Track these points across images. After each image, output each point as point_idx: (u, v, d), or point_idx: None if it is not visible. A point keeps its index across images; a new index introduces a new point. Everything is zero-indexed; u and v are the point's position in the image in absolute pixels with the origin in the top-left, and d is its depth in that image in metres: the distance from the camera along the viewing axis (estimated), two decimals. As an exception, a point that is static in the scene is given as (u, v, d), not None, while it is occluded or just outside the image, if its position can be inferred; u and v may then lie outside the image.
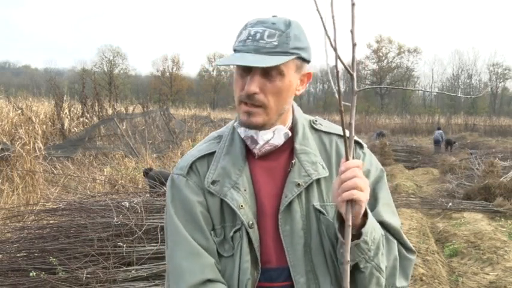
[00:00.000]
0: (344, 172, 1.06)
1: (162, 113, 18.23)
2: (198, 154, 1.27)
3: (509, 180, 9.08)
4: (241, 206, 1.18)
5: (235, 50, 1.17)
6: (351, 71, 0.99)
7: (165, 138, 16.07)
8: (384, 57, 65.49)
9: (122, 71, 60.26)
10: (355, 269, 1.14)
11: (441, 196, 9.79)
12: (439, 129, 22.61)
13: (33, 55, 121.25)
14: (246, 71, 1.16)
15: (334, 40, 0.95)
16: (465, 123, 40.45)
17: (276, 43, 1.13)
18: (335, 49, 0.95)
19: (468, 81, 66.89)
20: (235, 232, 1.19)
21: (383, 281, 1.17)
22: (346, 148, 1.05)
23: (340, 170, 1.07)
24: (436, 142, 20.97)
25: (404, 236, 1.29)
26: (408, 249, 1.28)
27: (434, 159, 16.94)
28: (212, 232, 1.21)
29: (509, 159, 11.88)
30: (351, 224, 1.04)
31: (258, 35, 1.13)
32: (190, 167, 1.25)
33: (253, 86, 1.14)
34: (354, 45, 0.98)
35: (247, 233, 1.18)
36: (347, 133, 1.03)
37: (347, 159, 1.06)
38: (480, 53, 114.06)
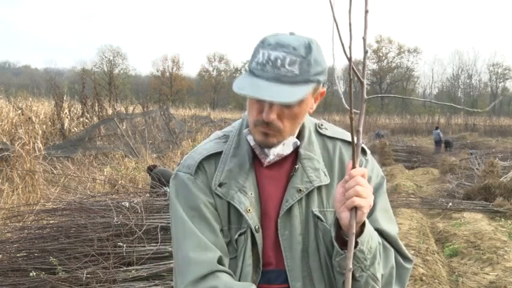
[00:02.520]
0: (348, 181, 1.07)
1: (162, 113, 18.23)
2: (206, 153, 1.25)
3: (509, 180, 9.08)
4: (249, 210, 1.18)
5: (251, 72, 1.12)
6: (361, 79, 0.98)
7: (165, 138, 16.08)
8: (384, 57, 65.49)
9: (122, 71, 60.16)
10: (351, 278, 1.14)
11: (441, 196, 9.78)
12: (436, 128, 22.62)
13: (33, 55, 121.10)
14: None
15: (350, 48, 0.93)
16: (465, 123, 40.47)
17: (297, 72, 1.09)
18: (349, 59, 0.93)
19: (468, 81, 66.90)
20: (240, 235, 1.19)
21: None
22: (354, 156, 1.04)
23: (344, 179, 1.08)
24: (437, 142, 20.99)
25: (402, 244, 1.28)
26: (405, 258, 1.28)
27: (434, 159, 16.94)
28: (220, 232, 1.21)
29: (509, 159, 11.88)
30: (354, 231, 1.04)
31: (279, 62, 1.09)
32: (198, 166, 1.24)
33: (273, 114, 1.13)
34: (365, 52, 0.97)
35: (252, 237, 1.19)
36: (355, 140, 1.03)
37: (353, 166, 1.06)
38: (480, 53, 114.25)
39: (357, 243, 1.09)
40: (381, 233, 1.22)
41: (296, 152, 1.24)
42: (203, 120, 24.60)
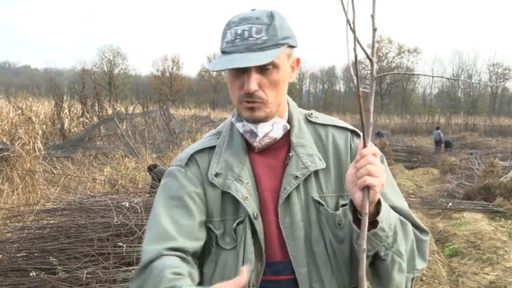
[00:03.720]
0: (359, 161, 1.06)
1: (162, 113, 18.24)
2: (198, 147, 1.28)
3: (509, 180, 9.08)
4: (246, 197, 1.19)
5: (224, 52, 1.17)
6: (370, 57, 0.97)
7: (165, 138, 16.08)
8: (384, 57, 65.49)
9: (122, 71, 60.15)
10: (376, 258, 1.14)
11: (441, 196, 9.78)
12: (437, 128, 22.65)
13: (33, 55, 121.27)
14: (241, 70, 1.16)
15: (353, 22, 0.93)
16: (465, 123, 40.53)
17: (265, 38, 1.14)
18: (354, 31, 0.93)
19: (468, 81, 66.86)
20: (238, 224, 1.19)
21: (405, 265, 1.17)
22: (364, 135, 1.03)
23: (356, 159, 1.07)
24: (437, 142, 21.01)
25: (415, 217, 1.28)
26: (421, 230, 1.28)
27: (434, 159, 16.95)
28: (211, 225, 1.21)
29: (509, 159, 11.88)
30: (367, 211, 1.02)
31: (246, 33, 1.14)
32: (190, 158, 1.26)
33: (253, 84, 1.15)
34: (374, 30, 0.97)
35: (252, 225, 1.19)
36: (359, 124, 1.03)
37: (364, 146, 1.05)
38: (480, 53, 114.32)
39: (377, 222, 1.08)
40: (394, 209, 1.21)
41: (289, 142, 1.25)
42: (203, 120, 24.61)
